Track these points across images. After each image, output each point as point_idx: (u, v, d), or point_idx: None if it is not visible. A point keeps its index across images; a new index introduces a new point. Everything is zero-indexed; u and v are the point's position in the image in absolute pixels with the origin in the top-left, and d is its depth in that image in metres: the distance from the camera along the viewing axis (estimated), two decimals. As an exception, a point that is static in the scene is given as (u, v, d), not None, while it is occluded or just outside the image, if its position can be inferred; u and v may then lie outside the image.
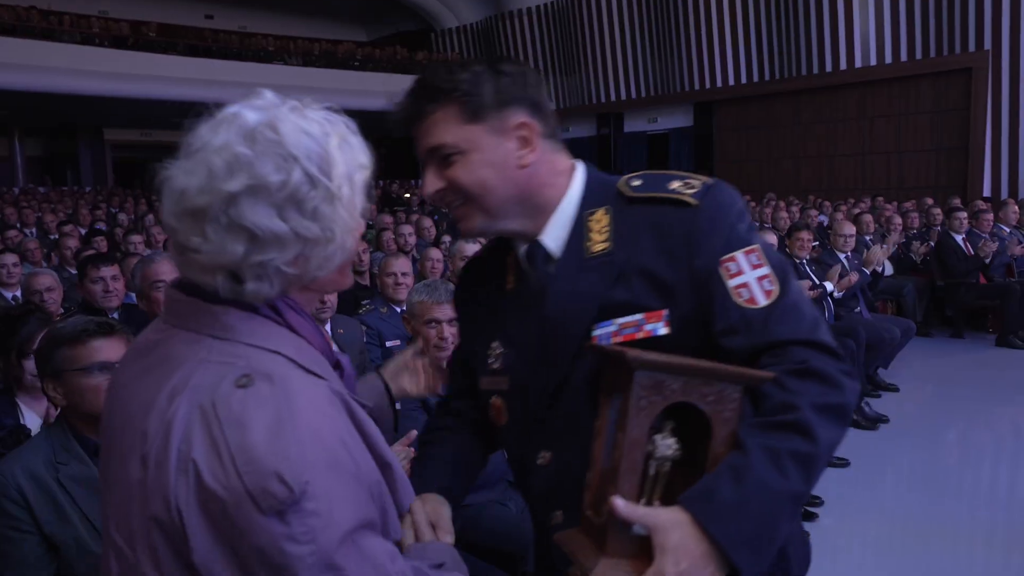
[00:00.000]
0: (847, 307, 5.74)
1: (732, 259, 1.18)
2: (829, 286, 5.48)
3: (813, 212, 10.49)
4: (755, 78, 18.12)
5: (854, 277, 5.65)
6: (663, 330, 1.19)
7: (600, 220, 1.25)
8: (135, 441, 0.92)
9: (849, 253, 6.04)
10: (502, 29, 23.36)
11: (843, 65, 16.51)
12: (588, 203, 1.27)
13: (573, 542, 1.16)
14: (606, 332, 1.21)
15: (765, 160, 18.35)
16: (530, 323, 1.28)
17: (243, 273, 0.91)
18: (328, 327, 3.50)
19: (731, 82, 18.53)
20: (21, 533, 1.78)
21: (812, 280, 5.40)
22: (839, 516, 3.84)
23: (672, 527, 1.03)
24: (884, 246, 7.27)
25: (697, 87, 19.19)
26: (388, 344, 4.09)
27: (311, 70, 19.09)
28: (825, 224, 9.67)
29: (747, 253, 1.18)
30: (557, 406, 1.26)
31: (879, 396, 5.67)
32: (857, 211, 9.36)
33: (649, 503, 1.10)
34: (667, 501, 1.10)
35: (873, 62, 16.14)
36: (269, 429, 0.84)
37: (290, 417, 0.86)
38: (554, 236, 1.27)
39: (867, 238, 7.58)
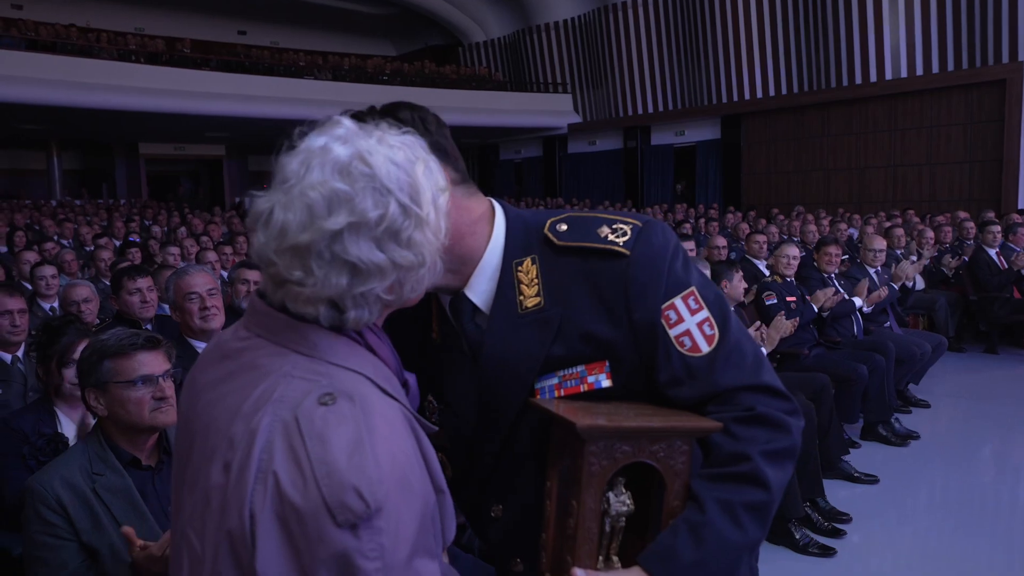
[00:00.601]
0: (877, 322, 5.67)
1: (671, 307, 1.16)
2: (858, 301, 5.43)
3: (843, 226, 10.37)
4: (783, 90, 18.02)
5: (884, 292, 5.59)
6: (606, 382, 1.17)
7: (529, 271, 1.19)
8: (220, 445, 0.95)
9: (879, 267, 5.97)
10: (529, 43, 23.49)
11: (873, 77, 16.37)
12: (513, 251, 1.20)
13: None
14: (548, 385, 1.19)
15: (794, 172, 18.21)
16: (464, 380, 1.23)
17: (344, 303, 0.94)
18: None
19: (759, 94, 18.45)
20: (61, 540, 1.83)
21: (841, 294, 5.34)
22: (868, 533, 3.80)
23: None
24: (914, 259, 7.18)
25: (725, 99, 19.13)
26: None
27: (341, 84, 19.31)
28: (855, 238, 9.56)
29: (684, 298, 1.16)
30: (503, 463, 1.24)
31: (910, 412, 5.58)
32: (888, 225, 9.24)
33: (607, 559, 1.12)
34: (623, 549, 1.12)
35: (904, 74, 15.99)
36: (349, 446, 0.87)
37: (369, 436, 0.88)
38: (480, 289, 1.21)
39: (898, 252, 7.49)
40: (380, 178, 0.92)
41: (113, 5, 21.78)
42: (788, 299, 4.82)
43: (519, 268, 1.20)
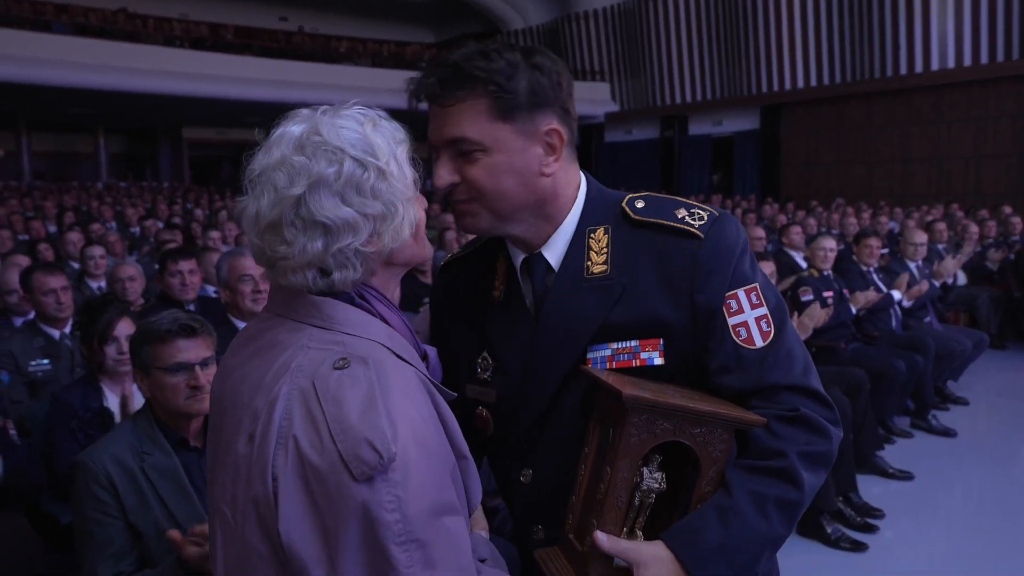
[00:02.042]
0: (916, 317, 5.58)
1: (734, 296, 1.17)
2: (897, 295, 5.34)
3: (883, 219, 10.19)
4: (826, 80, 17.69)
5: (924, 286, 5.49)
6: (658, 360, 1.18)
7: (600, 240, 1.22)
8: (245, 419, 0.99)
9: (920, 262, 5.86)
10: (568, 30, 23.36)
11: (919, 67, 15.98)
12: (589, 219, 1.23)
13: (553, 564, 1.18)
14: (601, 356, 1.20)
15: (835, 164, 17.89)
16: (521, 338, 1.24)
17: (328, 264, 0.99)
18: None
19: (800, 84, 18.14)
20: (109, 518, 1.87)
21: (880, 288, 5.27)
22: (900, 530, 3.76)
23: (653, 563, 1.07)
24: (958, 256, 7.03)
25: (765, 89, 18.85)
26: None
27: (379, 71, 19.43)
28: (896, 232, 9.40)
29: (748, 292, 1.18)
30: (544, 426, 1.25)
31: (948, 409, 5.49)
32: (930, 219, 9.06)
33: (631, 532, 1.13)
34: (648, 529, 1.14)
35: (951, 64, 15.58)
36: (362, 403, 0.91)
37: (382, 394, 0.92)
38: (555, 251, 1.24)
39: (940, 247, 7.35)
40: (330, 141, 0.98)
41: (159, -9, 22.18)
42: (825, 294, 4.77)
43: (592, 235, 1.22)
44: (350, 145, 0.99)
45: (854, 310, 4.98)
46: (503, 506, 1.43)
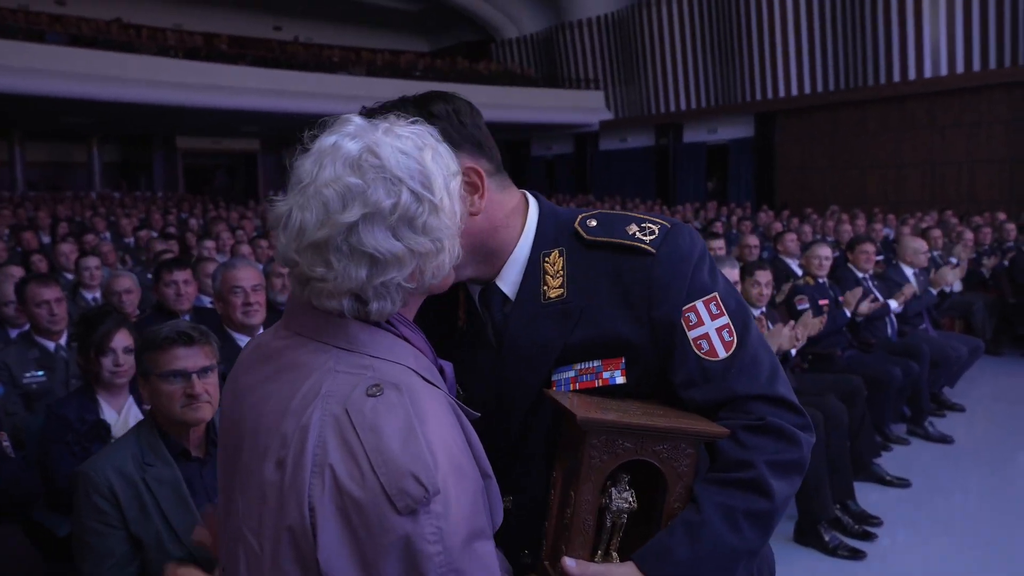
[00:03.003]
0: (912, 324, 5.59)
1: (692, 309, 1.16)
2: (893, 304, 5.35)
3: (878, 226, 10.22)
4: (819, 88, 17.79)
5: (909, 290, 5.44)
6: (620, 379, 1.17)
7: (555, 263, 1.21)
8: (272, 443, 0.96)
9: (917, 269, 5.87)
10: (562, 39, 23.45)
11: (912, 74, 16.09)
12: (542, 243, 1.22)
13: None
14: (565, 378, 1.19)
15: (829, 171, 17.98)
16: (485, 367, 1.24)
17: (367, 294, 0.96)
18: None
19: (794, 92, 18.24)
20: (109, 528, 1.87)
21: (876, 296, 5.28)
22: (898, 537, 3.76)
23: None
24: (955, 261, 7.04)
25: (759, 97, 18.94)
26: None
27: (374, 80, 19.44)
28: (891, 238, 9.42)
29: (707, 303, 1.17)
30: (519, 453, 1.25)
31: (944, 416, 5.50)
32: (924, 225, 9.09)
33: (607, 555, 1.12)
34: (624, 550, 1.12)
35: (944, 71, 15.69)
36: (401, 433, 0.89)
37: (420, 423, 0.91)
38: (510, 280, 1.23)
39: (935, 254, 7.37)
40: (390, 168, 0.94)
41: (153, 1, 22.16)
42: (820, 302, 4.77)
43: (546, 259, 1.21)
44: (408, 176, 0.95)
45: (848, 313, 4.98)
46: None
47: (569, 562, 1.09)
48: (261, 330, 2.88)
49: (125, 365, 2.73)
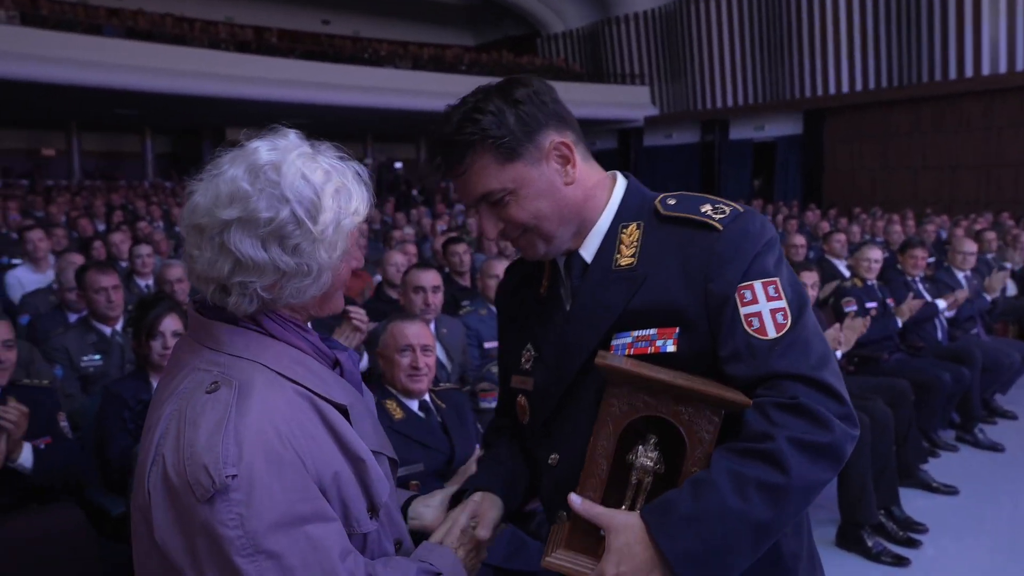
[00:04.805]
0: (963, 328, 5.46)
1: (749, 287, 1.17)
2: (941, 304, 5.23)
3: (930, 227, 9.98)
4: (871, 85, 17.41)
5: (962, 294, 5.31)
6: (671, 347, 1.19)
7: (631, 234, 1.27)
8: (147, 434, 1.07)
9: (969, 272, 5.72)
10: (608, 34, 23.31)
11: (968, 72, 15.64)
12: (623, 216, 1.29)
13: (556, 533, 1.23)
14: (622, 343, 1.23)
15: (879, 171, 17.59)
16: (556, 329, 1.32)
17: (229, 288, 1.05)
18: (432, 327, 3.59)
19: (845, 89, 17.87)
20: None
21: (925, 299, 5.16)
22: (944, 546, 3.68)
23: (622, 530, 1.09)
24: (1008, 266, 6.86)
25: (808, 94, 18.60)
26: (487, 345, 4.18)
27: (419, 74, 19.58)
28: (943, 239, 9.20)
29: (765, 284, 1.18)
30: (565, 409, 1.30)
31: (995, 423, 5.36)
32: (979, 227, 8.85)
33: (631, 510, 1.14)
34: None
35: (1003, 69, 15.22)
36: (212, 427, 0.98)
37: (236, 417, 0.98)
38: (591, 249, 1.30)
39: (989, 256, 7.17)
40: (283, 187, 1.02)
41: (205, -5, 22.63)
42: (868, 305, 4.69)
43: (623, 230, 1.28)
44: (297, 200, 1.02)
45: (900, 322, 4.89)
46: (540, 508, 1.46)
47: (574, 498, 1.14)
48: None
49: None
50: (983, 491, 4.30)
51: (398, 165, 18.44)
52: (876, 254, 4.96)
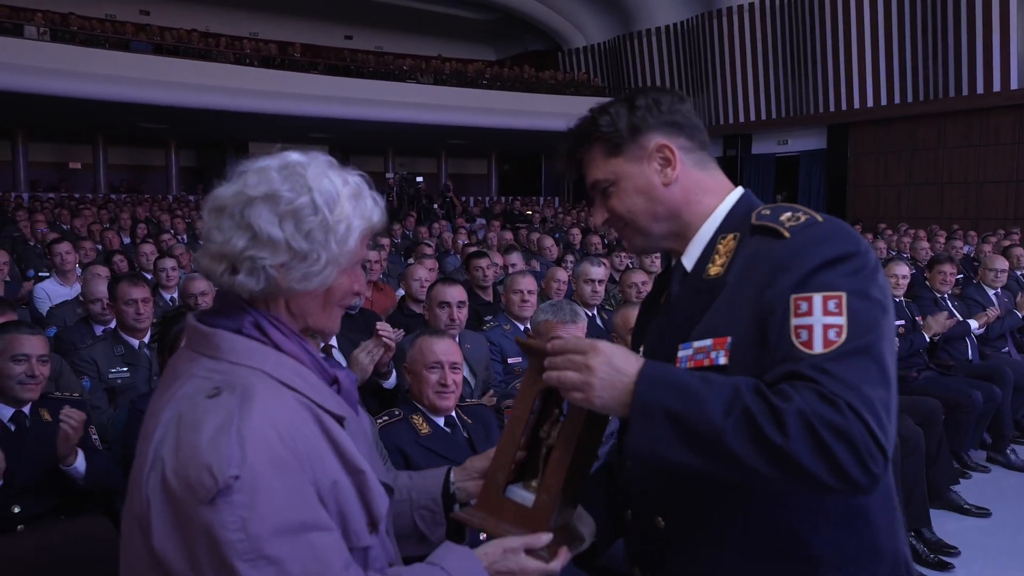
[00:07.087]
0: (994, 347, 5.37)
1: (807, 299, 1.10)
2: (973, 323, 5.15)
3: (958, 243, 9.85)
4: (896, 99, 17.26)
5: (993, 312, 5.22)
6: (723, 359, 1.17)
7: (727, 244, 1.27)
8: (143, 442, 1.07)
9: (999, 289, 5.63)
10: (629, 48, 23.34)
11: (996, 86, 15.47)
12: (726, 227, 1.29)
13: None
14: (685, 355, 1.23)
15: (905, 186, 17.41)
16: (652, 335, 1.37)
17: (239, 265, 1.07)
18: (456, 342, 3.55)
19: (870, 103, 17.73)
20: None
21: (956, 317, 5.08)
22: (976, 569, 3.61)
23: (609, 348, 1.14)
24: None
25: (832, 108, 18.48)
26: (511, 361, 4.15)
27: (441, 88, 19.71)
28: (971, 256, 9.07)
29: (826, 298, 1.09)
30: None
31: (1027, 444, 5.26)
32: (1008, 243, 8.72)
33: (541, 484, 1.21)
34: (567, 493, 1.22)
35: (1032, 83, 15.04)
36: (214, 430, 0.98)
37: (239, 420, 0.99)
38: (692, 256, 1.31)
39: (1019, 273, 7.06)
40: (307, 178, 1.09)
41: (231, 11, 22.93)
42: (896, 323, 4.62)
43: (722, 240, 1.29)
44: (319, 191, 1.09)
45: (928, 338, 4.81)
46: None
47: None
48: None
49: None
50: (1016, 513, 4.21)
51: (419, 179, 18.54)
52: (903, 270, 4.90)
